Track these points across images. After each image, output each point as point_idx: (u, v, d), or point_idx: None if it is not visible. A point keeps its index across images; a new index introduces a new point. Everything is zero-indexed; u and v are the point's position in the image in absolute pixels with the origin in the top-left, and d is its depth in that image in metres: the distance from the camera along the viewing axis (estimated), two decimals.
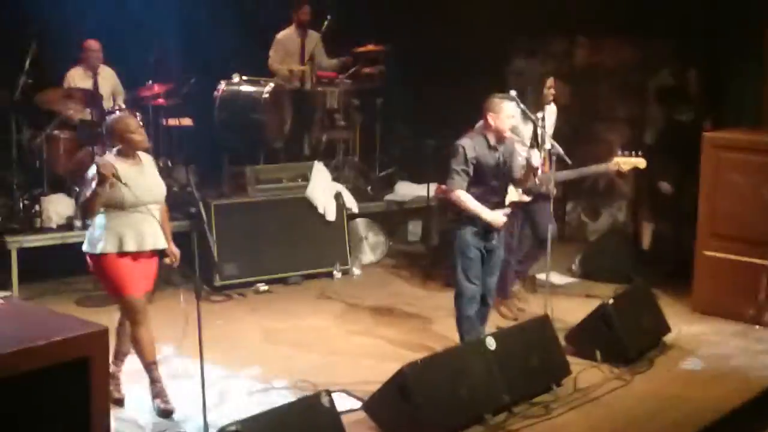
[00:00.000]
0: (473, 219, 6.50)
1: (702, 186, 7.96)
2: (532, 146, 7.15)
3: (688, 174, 8.43)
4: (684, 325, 7.47)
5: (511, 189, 7.13)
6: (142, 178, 5.65)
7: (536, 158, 6.59)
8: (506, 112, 6.46)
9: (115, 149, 5.74)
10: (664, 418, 5.89)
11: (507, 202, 7.16)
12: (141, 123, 5.91)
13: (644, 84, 9.41)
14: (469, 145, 6.45)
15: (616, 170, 7.36)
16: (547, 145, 7.42)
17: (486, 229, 6.49)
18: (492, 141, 6.48)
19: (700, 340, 7.34)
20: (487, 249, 6.57)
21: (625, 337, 6.72)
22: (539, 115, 7.38)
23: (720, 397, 6.24)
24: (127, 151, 5.69)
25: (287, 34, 10.13)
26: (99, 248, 5.57)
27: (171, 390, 5.82)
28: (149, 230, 5.62)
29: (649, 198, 9.09)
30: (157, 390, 5.79)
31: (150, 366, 5.81)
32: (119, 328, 5.89)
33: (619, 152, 7.35)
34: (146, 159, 5.84)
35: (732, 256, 7.77)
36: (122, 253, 5.56)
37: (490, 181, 6.51)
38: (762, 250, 7.62)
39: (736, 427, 5.97)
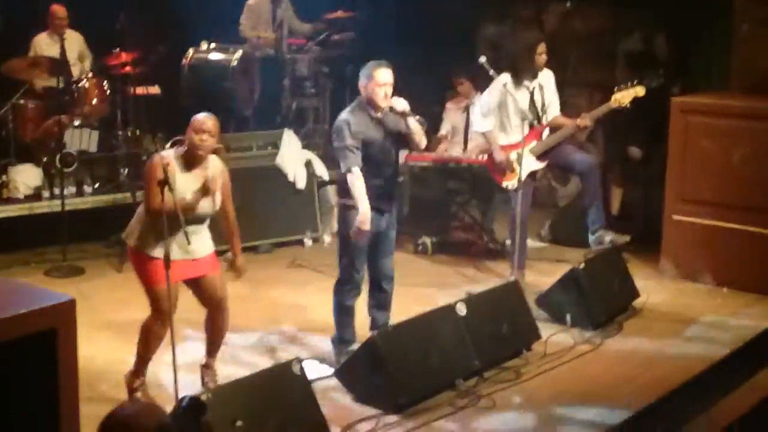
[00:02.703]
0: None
1: (670, 151, 7.99)
2: (531, 115, 7.17)
3: (656, 139, 8.46)
4: (653, 290, 7.52)
5: (527, 159, 7.09)
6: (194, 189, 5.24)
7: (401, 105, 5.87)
8: (376, 80, 5.84)
9: (179, 147, 5.36)
10: (634, 382, 5.95)
11: (526, 173, 7.17)
12: (214, 128, 5.26)
13: (614, 49, 9.41)
14: (352, 120, 5.89)
15: (617, 107, 7.36)
16: (553, 113, 7.44)
17: (376, 212, 5.92)
18: (373, 113, 5.93)
19: (669, 304, 7.40)
20: (377, 231, 6.03)
21: (595, 301, 6.78)
22: (534, 82, 7.37)
23: (689, 359, 6.31)
24: (190, 152, 5.28)
25: (258, 0, 10.04)
26: (133, 242, 5.34)
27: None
28: (182, 241, 5.20)
29: (618, 163, 9.13)
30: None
31: None
32: (147, 332, 5.43)
33: (616, 87, 7.37)
34: (216, 169, 5.38)
35: (700, 220, 7.83)
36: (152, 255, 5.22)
37: (376, 158, 5.94)
38: (730, 214, 7.68)
39: (705, 389, 6.01)
